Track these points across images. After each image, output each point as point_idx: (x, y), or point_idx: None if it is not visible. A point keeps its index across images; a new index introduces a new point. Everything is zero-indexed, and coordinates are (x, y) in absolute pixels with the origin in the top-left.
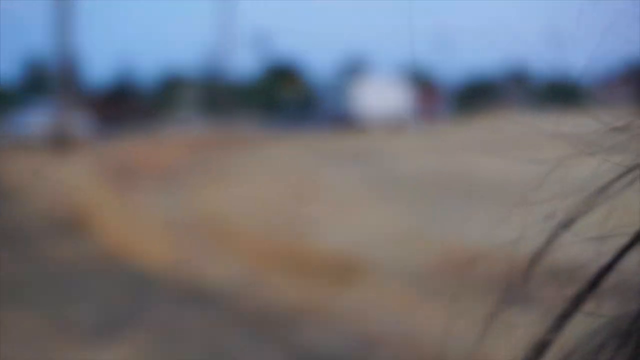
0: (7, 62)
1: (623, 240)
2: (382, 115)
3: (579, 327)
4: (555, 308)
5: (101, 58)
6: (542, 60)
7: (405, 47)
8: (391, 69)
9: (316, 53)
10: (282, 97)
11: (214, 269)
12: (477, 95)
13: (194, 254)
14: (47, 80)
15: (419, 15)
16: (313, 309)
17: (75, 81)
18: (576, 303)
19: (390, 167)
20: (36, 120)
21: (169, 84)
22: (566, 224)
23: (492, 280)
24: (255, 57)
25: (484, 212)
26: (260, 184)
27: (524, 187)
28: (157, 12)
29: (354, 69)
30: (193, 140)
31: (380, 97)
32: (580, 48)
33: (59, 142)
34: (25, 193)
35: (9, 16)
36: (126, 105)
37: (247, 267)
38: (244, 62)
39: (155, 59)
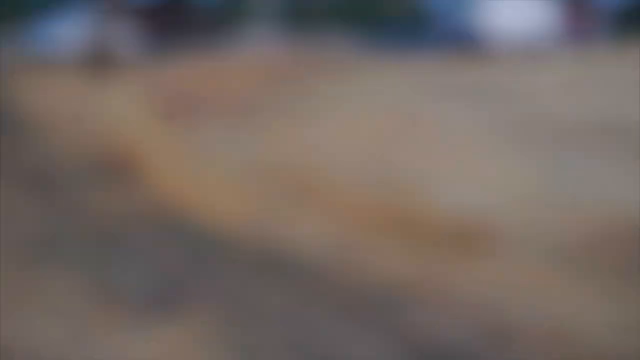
0: None
1: None
2: (517, 38)
3: None
4: None
5: None
6: None
7: None
8: None
9: None
10: (385, 11)
11: (297, 230)
12: None
13: (271, 210)
14: None
15: None
16: (426, 286)
17: None
18: None
19: (525, 106)
20: (66, 33)
21: None
22: None
23: None
24: None
25: None
26: (355, 123)
27: None
28: None
29: None
30: (269, 64)
31: (515, 13)
32: None
33: (98, 63)
34: (55, 129)
35: None
36: (183, 17)
37: (340, 229)
38: None
39: None
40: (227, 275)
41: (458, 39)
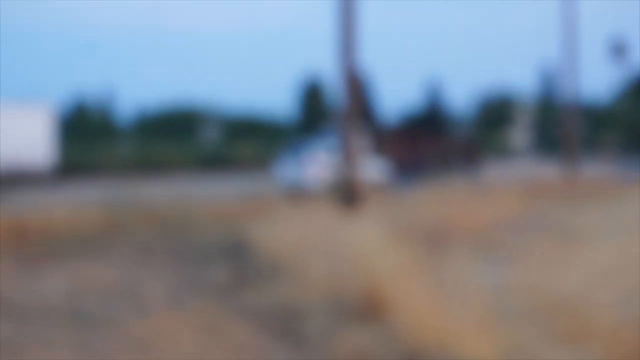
0: (277, 89)
1: None
2: None
3: None
4: None
5: (400, 79)
6: None
7: None
8: None
9: None
10: None
11: None
12: None
13: (535, 354)
14: (326, 110)
15: None
16: None
17: (367, 111)
18: None
19: None
20: (311, 162)
21: (493, 111)
22: None
23: None
24: (614, 72)
25: None
26: (630, 252)
27: None
28: (474, 15)
29: None
30: (528, 187)
31: None
32: None
33: (344, 193)
34: (299, 262)
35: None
36: (436, 140)
37: None
38: (597, 80)
39: (473, 77)
40: None
41: None
